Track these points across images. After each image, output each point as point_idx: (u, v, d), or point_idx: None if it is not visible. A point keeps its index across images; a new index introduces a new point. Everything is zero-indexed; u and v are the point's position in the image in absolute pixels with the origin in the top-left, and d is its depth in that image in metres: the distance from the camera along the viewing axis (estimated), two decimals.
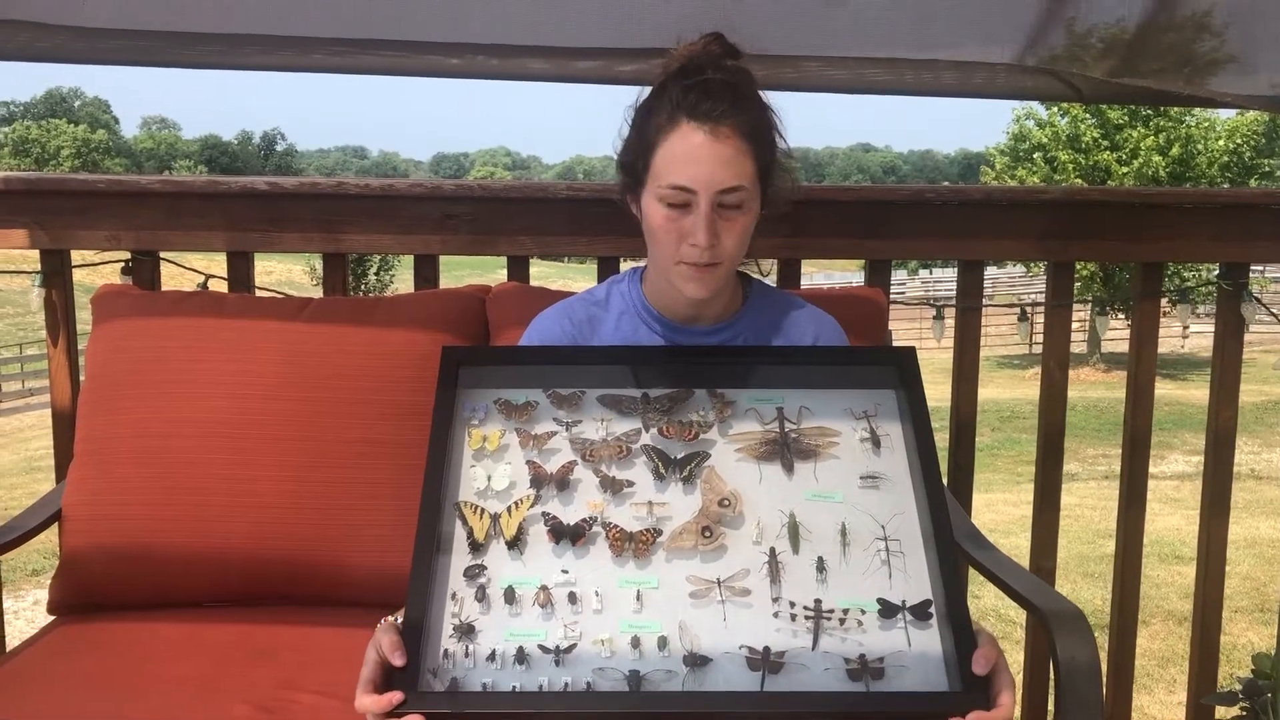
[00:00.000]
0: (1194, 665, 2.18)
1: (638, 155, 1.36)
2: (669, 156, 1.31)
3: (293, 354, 1.78)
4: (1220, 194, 2.17)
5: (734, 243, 1.34)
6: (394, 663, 1.12)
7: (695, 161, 1.30)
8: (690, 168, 1.30)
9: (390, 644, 1.12)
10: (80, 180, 2.07)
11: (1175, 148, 19.01)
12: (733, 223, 1.33)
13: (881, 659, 1.14)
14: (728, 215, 1.32)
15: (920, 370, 1.36)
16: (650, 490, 1.27)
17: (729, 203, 1.31)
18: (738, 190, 1.31)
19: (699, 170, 1.30)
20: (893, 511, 1.25)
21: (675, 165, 1.31)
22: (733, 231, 1.33)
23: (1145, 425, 2.12)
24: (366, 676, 1.11)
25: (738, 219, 1.33)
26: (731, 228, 1.33)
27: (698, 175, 1.30)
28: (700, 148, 1.30)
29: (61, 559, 1.77)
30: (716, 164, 1.30)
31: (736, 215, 1.33)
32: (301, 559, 1.73)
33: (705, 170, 1.30)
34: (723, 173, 1.30)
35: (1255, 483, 7.95)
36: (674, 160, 1.31)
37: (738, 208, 1.32)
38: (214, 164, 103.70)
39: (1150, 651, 4.16)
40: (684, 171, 1.30)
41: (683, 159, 1.30)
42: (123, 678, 1.53)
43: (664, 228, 1.33)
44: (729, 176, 1.30)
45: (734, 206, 1.32)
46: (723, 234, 1.32)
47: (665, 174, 1.31)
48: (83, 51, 1.87)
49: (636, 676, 1.14)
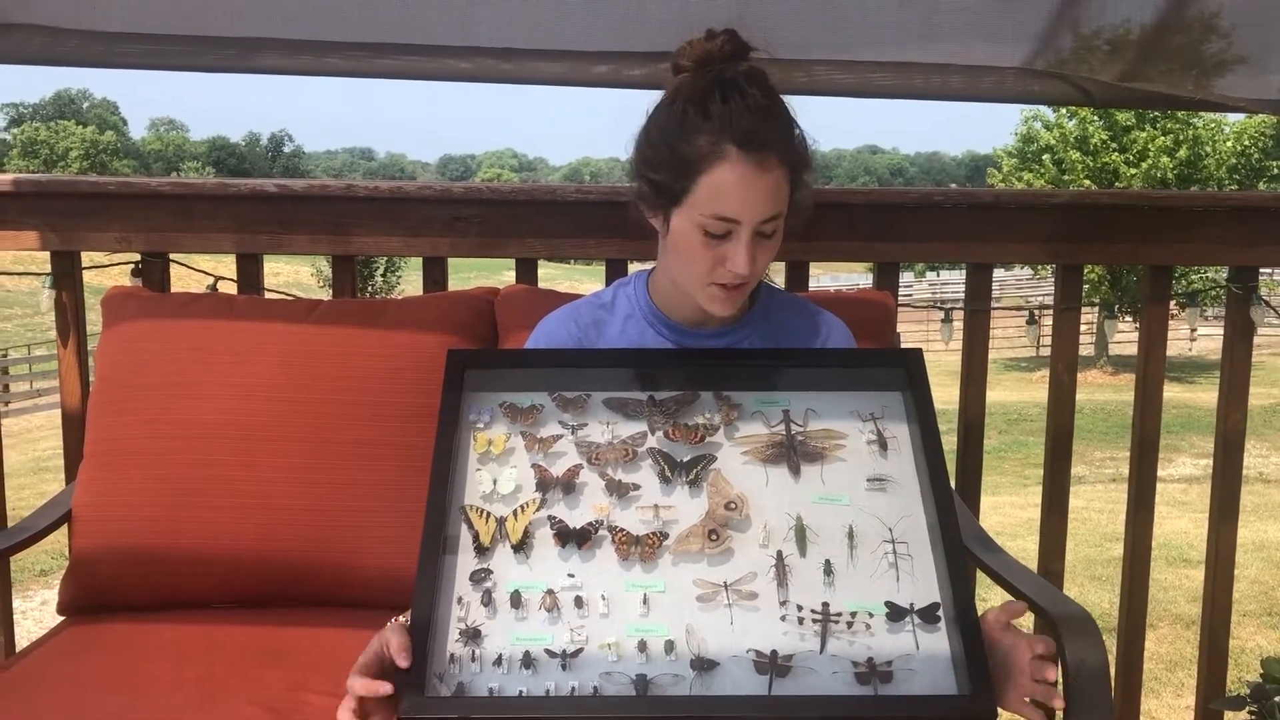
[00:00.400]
0: (1202, 669, 2.18)
1: (675, 175, 1.31)
2: (717, 187, 1.28)
3: (301, 356, 1.79)
4: (1230, 197, 2.16)
5: (765, 263, 1.35)
6: (399, 664, 1.12)
7: (743, 195, 1.28)
8: (739, 201, 1.28)
9: (399, 645, 1.12)
10: (90, 182, 2.08)
11: (1183, 149, 18.97)
12: (766, 247, 1.33)
13: (890, 662, 1.14)
14: (762, 242, 1.32)
15: (927, 372, 1.36)
16: (656, 493, 1.27)
17: (766, 231, 1.32)
18: (776, 218, 1.31)
19: (746, 204, 1.28)
20: (900, 514, 1.25)
21: (723, 197, 1.28)
22: (765, 254, 1.34)
23: (1154, 428, 2.12)
24: (363, 662, 1.12)
25: (771, 244, 1.34)
26: (765, 251, 1.33)
27: (745, 208, 1.29)
28: (749, 181, 1.28)
29: (71, 559, 1.78)
30: (763, 196, 1.29)
31: (770, 241, 1.33)
32: (310, 560, 1.73)
33: (753, 204, 1.28)
34: (767, 204, 1.29)
35: (1263, 486, 7.92)
36: (722, 192, 1.28)
37: (772, 234, 1.33)
38: (221, 165, 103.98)
39: (1158, 655, 4.15)
40: (732, 205, 1.28)
41: (731, 192, 1.28)
42: (132, 678, 1.53)
43: (700, 252, 1.32)
44: (772, 207, 1.30)
45: (769, 234, 1.32)
46: (758, 257, 1.32)
47: (710, 203, 1.29)
48: (98, 55, 1.88)
49: (644, 680, 1.14)
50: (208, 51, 1.88)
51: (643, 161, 1.37)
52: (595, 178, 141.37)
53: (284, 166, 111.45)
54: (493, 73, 1.95)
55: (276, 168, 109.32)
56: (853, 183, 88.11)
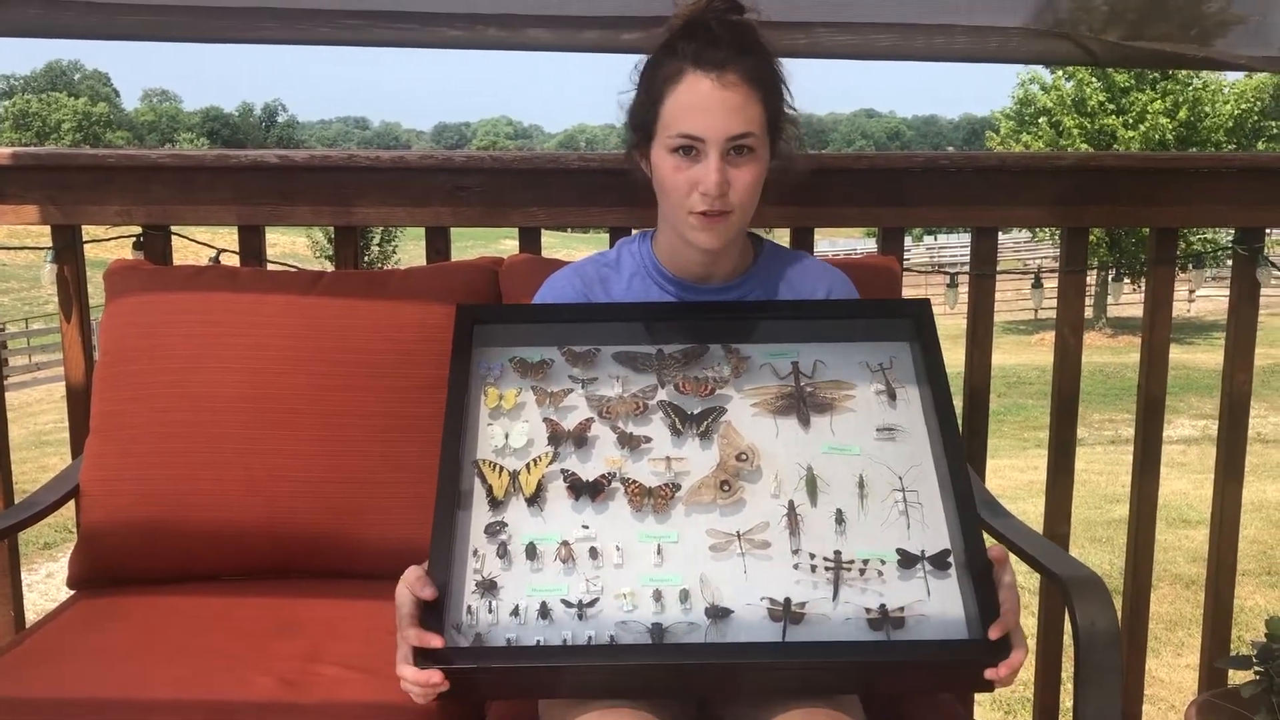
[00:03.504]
0: (1207, 630, 2.19)
1: (646, 110, 1.36)
2: (676, 106, 1.32)
3: (307, 328, 1.78)
4: (1235, 158, 2.16)
5: (744, 191, 1.34)
6: (424, 596, 1.14)
7: (703, 109, 1.30)
8: (698, 116, 1.30)
9: (419, 581, 1.14)
10: (90, 155, 2.07)
11: (1182, 111, 18.89)
12: (742, 170, 1.33)
13: (902, 609, 1.16)
14: (737, 162, 1.32)
15: (935, 322, 1.37)
16: (668, 446, 1.28)
17: (739, 148, 1.32)
18: (747, 136, 1.31)
19: (707, 118, 1.30)
20: (910, 463, 1.26)
21: (683, 114, 1.31)
22: (742, 179, 1.33)
23: (1159, 391, 2.12)
24: (406, 613, 1.13)
25: (747, 166, 1.33)
26: (741, 175, 1.33)
27: (706, 123, 1.30)
28: (707, 95, 1.30)
29: (80, 534, 1.78)
30: (724, 111, 1.30)
31: (746, 162, 1.33)
32: (320, 532, 1.73)
33: (713, 117, 1.30)
34: (731, 119, 1.30)
35: (1262, 446, 7.96)
36: (681, 109, 1.31)
37: (749, 153, 1.32)
38: (215, 136, 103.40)
39: (1158, 615, 4.19)
40: (692, 120, 1.30)
41: (690, 107, 1.31)
42: (145, 650, 1.54)
43: (673, 178, 1.33)
44: (737, 123, 1.30)
45: (743, 153, 1.32)
46: (733, 181, 1.32)
47: (673, 124, 1.32)
48: (96, 27, 1.85)
49: (659, 629, 1.15)
50: (205, 22, 1.86)
51: (627, 111, 1.42)
52: (591, 144, 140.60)
53: (278, 136, 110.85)
54: (487, 39, 1.93)
55: (271, 138, 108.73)
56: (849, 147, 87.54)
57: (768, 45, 1.36)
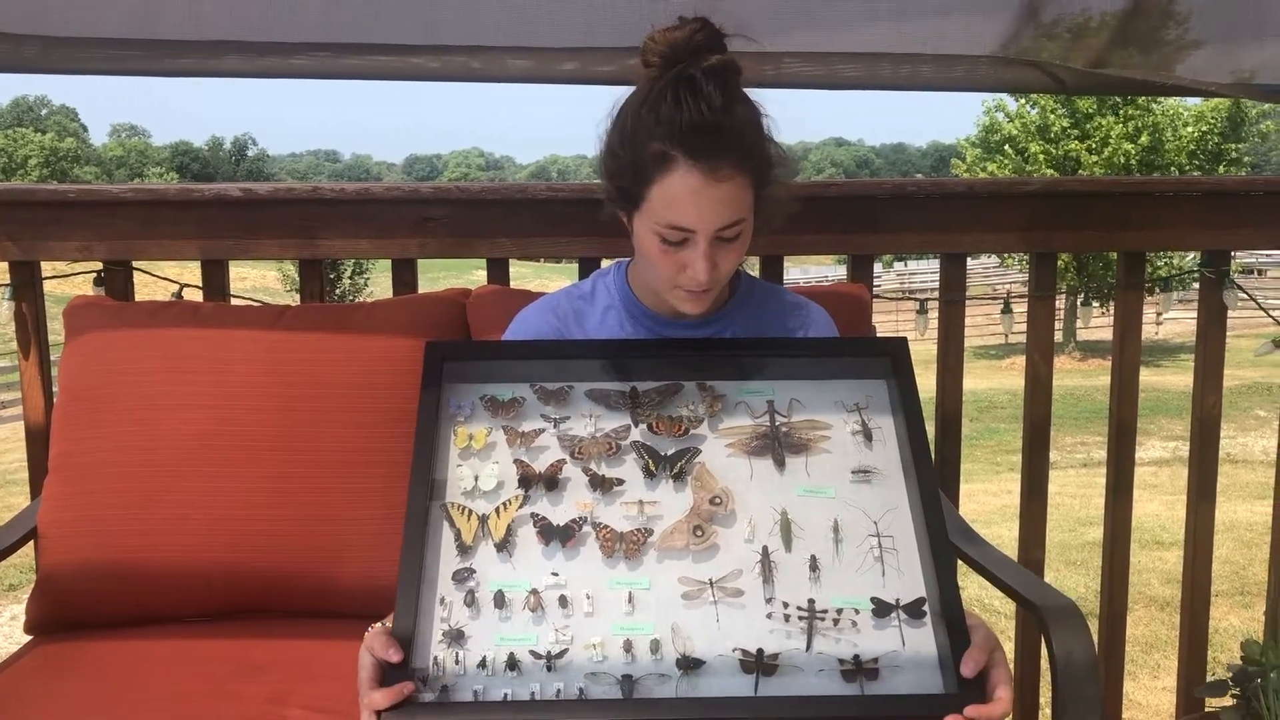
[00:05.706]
0: (1183, 652, 2.19)
1: (630, 179, 1.30)
2: (666, 197, 1.26)
3: (271, 363, 1.76)
4: (1200, 181, 2.18)
5: (731, 265, 1.34)
6: (390, 660, 1.10)
7: (694, 206, 1.26)
8: (689, 211, 1.26)
9: (383, 644, 1.11)
10: (50, 190, 2.04)
11: (1144, 136, 19.15)
12: (730, 250, 1.32)
13: (876, 660, 1.13)
14: (725, 246, 1.31)
15: (912, 360, 1.35)
16: (641, 488, 1.25)
17: (727, 236, 1.30)
18: (736, 224, 1.29)
19: (697, 213, 1.27)
20: (885, 506, 1.24)
21: (673, 207, 1.27)
22: (729, 258, 1.32)
23: (1130, 414, 2.12)
24: (366, 678, 1.10)
25: (735, 246, 1.32)
26: (728, 254, 1.32)
27: (696, 217, 1.27)
28: (699, 193, 1.25)
29: (38, 577, 1.74)
30: (718, 205, 1.26)
31: (734, 244, 1.31)
32: (286, 571, 1.70)
33: (704, 213, 1.27)
34: (722, 212, 1.27)
35: (1231, 467, 8.01)
36: (672, 202, 1.26)
37: (735, 238, 1.31)
38: (185, 170, 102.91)
39: (1134, 638, 4.18)
40: (683, 214, 1.27)
41: (681, 202, 1.26)
42: (107, 698, 1.50)
43: (661, 259, 1.31)
44: (728, 214, 1.28)
45: (731, 239, 1.31)
46: (720, 262, 1.31)
47: (663, 212, 1.28)
48: (59, 61, 1.83)
49: (629, 681, 1.12)
50: (170, 56, 1.84)
51: (603, 164, 1.36)
52: (563, 175, 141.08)
53: (249, 171, 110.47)
54: (460, 70, 1.92)
55: (241, 172, 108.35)
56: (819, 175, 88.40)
57: (755, 103, 1.32)
